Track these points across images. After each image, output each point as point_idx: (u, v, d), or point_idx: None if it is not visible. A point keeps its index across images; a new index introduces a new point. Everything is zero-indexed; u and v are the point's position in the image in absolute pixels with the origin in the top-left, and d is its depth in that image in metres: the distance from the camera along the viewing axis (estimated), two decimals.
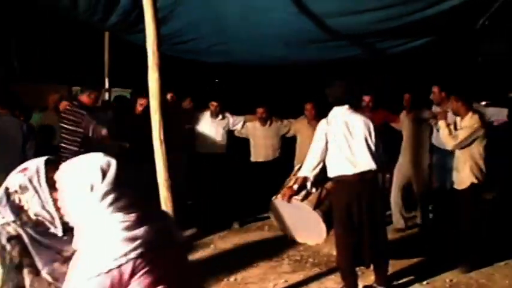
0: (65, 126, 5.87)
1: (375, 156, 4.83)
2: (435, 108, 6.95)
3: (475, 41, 6.32)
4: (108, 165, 1.87)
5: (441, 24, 5.52)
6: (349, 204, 4.80)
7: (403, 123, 7.15)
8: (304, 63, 7.10)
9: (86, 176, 1.84)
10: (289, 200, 5.21)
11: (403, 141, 7.16)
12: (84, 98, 5.99)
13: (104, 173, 1.85)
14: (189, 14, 5.77)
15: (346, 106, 4.91)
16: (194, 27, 6.08)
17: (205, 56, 7.12)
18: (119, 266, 1.70)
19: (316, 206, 5.19)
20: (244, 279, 5.47)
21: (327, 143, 4.83)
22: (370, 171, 4.81)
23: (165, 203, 4.30)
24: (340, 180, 4.87)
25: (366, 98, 7.25)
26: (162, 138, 4.27)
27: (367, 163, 4.80)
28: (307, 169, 4.98)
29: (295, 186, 5.15)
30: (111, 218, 1.80)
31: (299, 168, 5.46)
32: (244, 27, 5.79)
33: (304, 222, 5.33)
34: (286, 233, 5.74)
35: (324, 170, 4.98)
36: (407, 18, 5.13)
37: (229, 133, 7.59)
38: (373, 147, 4.84)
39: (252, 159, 7.66)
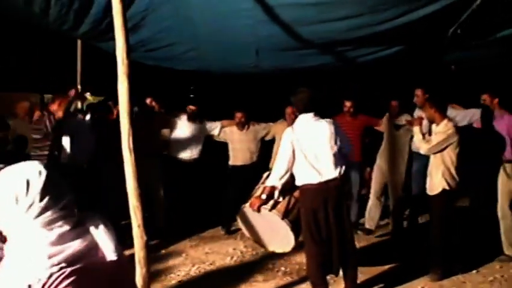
0: (34, 136, 6.02)
1: (339, 164, 4.92)
2: (418, 111, 7.08)
3: (447, 49, 6.35)
4: (36, 177, 1.82)
5: (412, 34, 5.54)
6: (316, 212, 4.88)
7: (385, 127, 7.34)
8: (277, 71, 7.08)
9: (12, 187, 1.80)
10: (258, 209, 5.15)
11: (382, 144, 7.36)
12: (55, 106, 6.00)
13: (30, 185, 1.80)
14: (160, 22, 5.73)
15: (311, 114, 5.01)
16: (166, 34, 6.03)
17: (179, 63, 7.06)
18: (29, 286, 1.66)
19: (285, 215, 5.16)
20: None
21: (293, 151, 4.88)
22: (335, 178, 4.89)
23: (134, 212, 4.26)
24: (307, 188, 4.93)
25: (347, 103, 7.34)
26: (131, 147, 4.23)
27: (332, 171, 4.89)
28: (274, 178, 5.00)
29: (264, 196, 5.12)
30: (34, 231, 1.78)
31: (267, 177, 5.49)
32: (213, 34, 5.76)
33: (272, 231, 5.29)
34: (256, 241, 5.72)
35: (293, 178, 5.03)
36: (377, 27, 5.13)
37: (206, 138, 7.62)
38: (338, 155, 4.94)
39: (230, 163, 7.66)
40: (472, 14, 5.12)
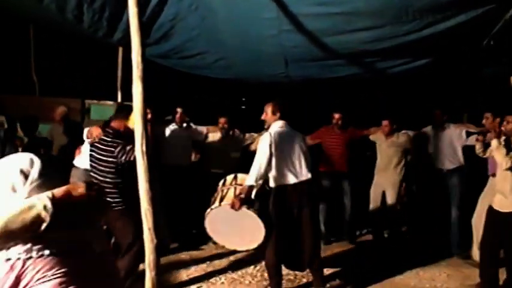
0: (96, 155, 5.28)
1: (309, 166, 5.41)
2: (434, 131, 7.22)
3: (484, 62, 6.19)
4: (31, 166, 1.94)
5: (441, 46, 5.44)
6: (289, 211, 5.25)
7: (380, 146, 7.56)
8: (307, 81, 7.05)
9: (8, 177, 1.91)
10: (239, 208, 5.20)
11: (378, 161, 7.61)
12: (118, 123, 5.38)
13: (27, 175, 1.92)
14: (188, 31, 5.84)
15: (283, 121, 5.40)
16: (195, 43, 6.14)
17: (211, 72, 7.14)
18: (8, 260, 1.78)
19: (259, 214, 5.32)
20: None
21: (271, 154, 5.18)
22: (308, 180, 5.35)
23: (145, 215, 4.30)
24: (282, 189, 5.28)
25: (336, 115, 7.42)
26: (144, 150, 4.29)
27: (305, 173, 5.35)
28: (254, 179, 5.20)
29: (242, 196, 5.21)
30: None
31: (234, 178, 5.72)
32: (240, 44, 5.85)
33: (243, 230, 5.35)
34: (223, 243, 5.72)
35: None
36: (402, 38, 5.08)
37: (194, 144, 7.63)
38: (308, 158, 5.44)
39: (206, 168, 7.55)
40: (505, 25, 4.99)
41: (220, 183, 5.82)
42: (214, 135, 7.58)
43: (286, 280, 5.75)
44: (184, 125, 7.46)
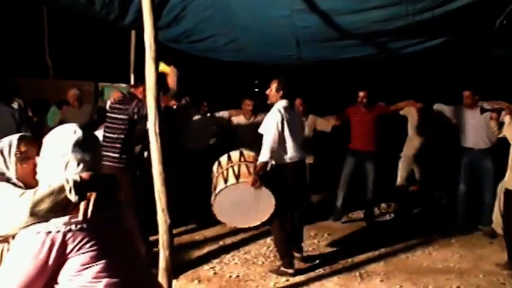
0: (110, 115, 5.64)
1: (302, 146, 5.71)
2: (467, 110, 7.15)
3: (496, 42, 6.12)
4: (82, 137, 2.12)
5: (455, 25, 5.37)
6: (289, 189, 5.49)
7: (412, 118, 7.72)
8: (320, 63, 7.00)
9: (62, 147, 2.09)
10: (260, 186, 5.29)
11: (409, 134, 7.87)
12: (139, 91, 5.65)
13: (79, 146, 2.09)
14: (200, 12, 5.81)
15: (286, 101, 5.57)
16: (207, 25, 6.10)
17: (223, 55, 7.11)
18: (48, 233, 1.90)
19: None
20: (245, 276, 5.49)
21: (282, 130, 5.39)
22: (304, 159, 5.82)
23: (159, 196, 4.34)
24: (283, 167, 5.49)
25: (361, 93, 7.38)
26: (157, 131, 4.32)
27: (303, 152, 5.68)
28: (268, 155, 5.32)
29: (261, 173, 5.32)
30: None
31: (241, 155, 5.79)
32: (252, 25, 5.79)
33: (254, 207, 5.41)
34: (232, 223, 5.98)
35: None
36: (417, 17, 5.00)
37: (217, 128, 7.76)
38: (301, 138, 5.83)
39: None
40: None
41: (224, 159, 5.80)
42: (238, 119, 7.65)
43: (298, 260, 5.81)
44: (208, 114, 7.57)
